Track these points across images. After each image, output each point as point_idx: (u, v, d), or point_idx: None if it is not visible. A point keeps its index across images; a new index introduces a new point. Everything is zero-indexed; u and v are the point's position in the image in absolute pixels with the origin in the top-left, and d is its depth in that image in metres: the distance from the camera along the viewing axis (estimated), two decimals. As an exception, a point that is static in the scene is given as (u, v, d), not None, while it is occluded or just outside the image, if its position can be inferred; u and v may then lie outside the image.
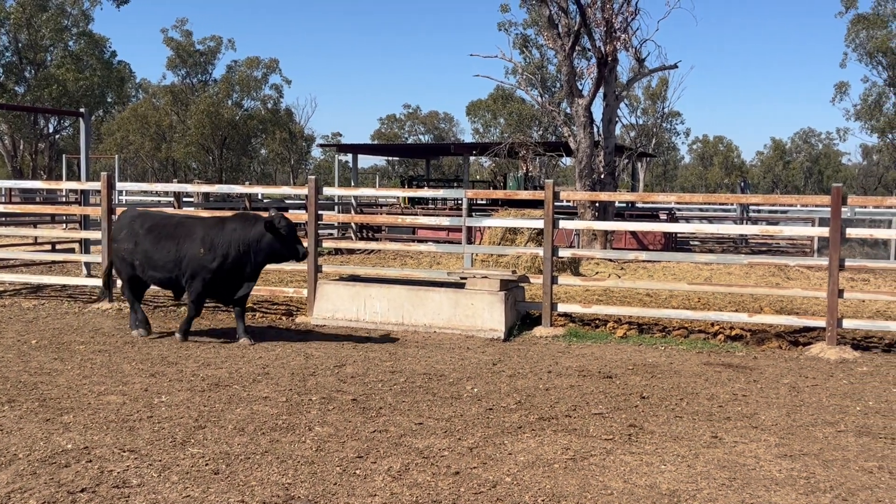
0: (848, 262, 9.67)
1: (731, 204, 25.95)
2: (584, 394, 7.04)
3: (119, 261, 9.37)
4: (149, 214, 9.59)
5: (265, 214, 8.98)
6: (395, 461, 5.18)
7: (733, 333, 10.02)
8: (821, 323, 9.46)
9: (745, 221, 24.84)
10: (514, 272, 10.76)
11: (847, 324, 9.45)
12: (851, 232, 9.77)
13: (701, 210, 27.29)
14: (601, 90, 19.34)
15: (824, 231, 9.69)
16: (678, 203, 24.99)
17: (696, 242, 25.21)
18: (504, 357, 8.62)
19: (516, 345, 9.43)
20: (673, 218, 23.02)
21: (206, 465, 5.04)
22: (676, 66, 19.98)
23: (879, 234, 11.03)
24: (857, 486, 4.92)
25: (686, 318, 10.27)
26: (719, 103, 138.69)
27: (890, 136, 51.04)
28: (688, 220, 24.94)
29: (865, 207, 26.32)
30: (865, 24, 47.41)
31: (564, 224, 10.90)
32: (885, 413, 6.64)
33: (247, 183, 35.91)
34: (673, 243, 22.20)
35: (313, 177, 11.11)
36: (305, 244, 9.78)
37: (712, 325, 10.42)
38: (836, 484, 4.94)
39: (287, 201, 26.69)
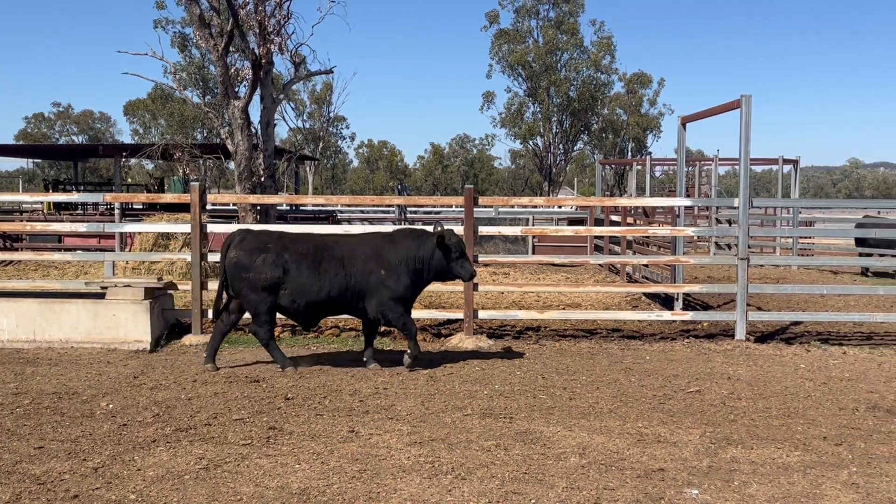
0: (481, 258, 10.43)
1: (392, 205, 27.01)
2: (227, 400, 6.91)
3: (255, 293, 7.94)
4: (285, 235, 8.32)
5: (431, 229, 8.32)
6: (5, 491, 4.71)
7: (382, 330, 10.38)
8: (460, 315, 10.13)
9: (403, 222, 25.93)
10: (160, 279, 10.32)
11: (482, 314, 10.20)
12: (483, 230, 10.58)
13: (363, 212, 28.09)
14: (258, 93, 19.15)
15: (460, 229, 10.37)
16: (325, 205, 25.47)
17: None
18: (148, 369, 8.22)
19: (163, 355, 9.05)
20: (335, 220, 23.44)
21: None
22: (332, 72, 20.31)
23: (506, 230, 12.13)
24: (476, 464, 5.30)
25: (341, 316, 10.45)
26: (384, 109, 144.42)
27: (531, 142, 56.06)
28: (350, 221, 25.55)
29: (512, 207, 28.64)
30: (507, 38, 51.72)
31: (214, 228, 10.65)
32: (508, 395, 7.24)
33: None
34: (335, 245, 22.59)
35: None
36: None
37: (364, 322, 10.72)
38: (457, 465, 5.28)
39: None
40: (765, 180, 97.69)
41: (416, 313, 10.44)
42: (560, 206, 27.18)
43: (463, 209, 10.01)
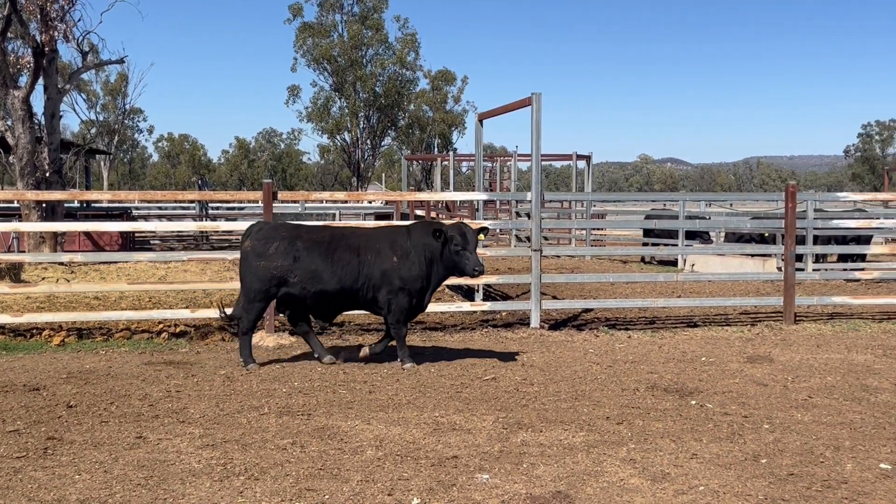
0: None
1: (188, 201, 26.15)
2: (1, 411, 6.42)
3: (260, 280, 7.95)
4: (300, 226, 8.46)
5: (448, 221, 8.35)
6: None
7: (178, 330, 10.04)
8: (260, 312, 9.91)
9: (205, 219, 25.16)
10: (-75, 283, 9.46)
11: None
12: (282, 225, 10.41)
13: (161, 208, 26.99)
14: (41, 82, 17.96)
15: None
16: (115, 200, 24.29)
17: (158, 241, 24.92)
18: (-90, 381, 7.50)
19: (-70, 366, 8.29)
20: (130, 217, 22.37)
21: None
22: (123, 61, 19.43)
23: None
24: (270, 463, 5.20)
25: (130, 318, 10.03)
26: (185, 102, 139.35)
27: (339, 137, 55.82)
28: (147, 218, 24.50)
29: (320, 202, 28.44)
30: (311, 32, 51.15)
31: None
32: (307, 391, 7.16)
33: None
34: (131, 243, 21.59)
35: None
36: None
37: (158, 323, 10.31)
38: (251, 465, 5.16)
39: None
40: (564, 175, 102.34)
41: (214, 313, 10.15)
42: (372, 201, 27.25)
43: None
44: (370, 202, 27.47)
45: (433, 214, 17.60)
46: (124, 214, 21.83)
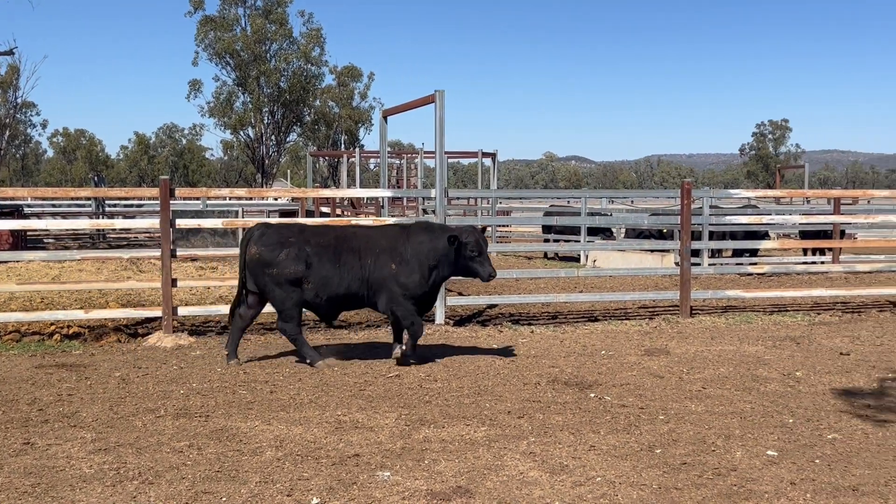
0: (179, 252, 10.02)
1: (81, 198, 25.31)
2: None
3: (280, 288, 7.87)
4: (306, 227, 8.40)
5: (452, 225, 8.44)
6: None
7: (72, 332, 9.70)
8: (158, 313, 9.67)
9: (102, 216, 24.34)
10: None
11: (183, 311, 9.81)
12: (180, 222, 10.16)
13: (55, 206, 26.03)
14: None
15: (155, 222, 9.91)
16: (3, 198, 23.41)
17: (52, 240, 24.03)
18: None
19: None
20: (22, 214, 21.47)
21: None
22: (13, 53, 18.79)
23: (206, 223, 11.53)
24: (166, 467, 5.06)
25: (20, 320, 9.64)
26: (82, 96, 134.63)
27: (242, 132, 54.80)
28: (40, 216, 23.57)
29: (225, 199, 27.85)
30: (213, 25, 50.01)
31: None
32: (206, 392, 7.01)
33: None
34: (23, 241, 20.74)
35: None
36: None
37: (50, 324, 9.93)
38: (145, 469, 5.01)
39: None
40: (471, 172, 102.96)
41: (108, 313, 9.90)
42: (277, 198, 26.86)
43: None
44: (275, 199, 27.10)
45: (339, 211, 17.48)
46: (15, 212, 20.94)
